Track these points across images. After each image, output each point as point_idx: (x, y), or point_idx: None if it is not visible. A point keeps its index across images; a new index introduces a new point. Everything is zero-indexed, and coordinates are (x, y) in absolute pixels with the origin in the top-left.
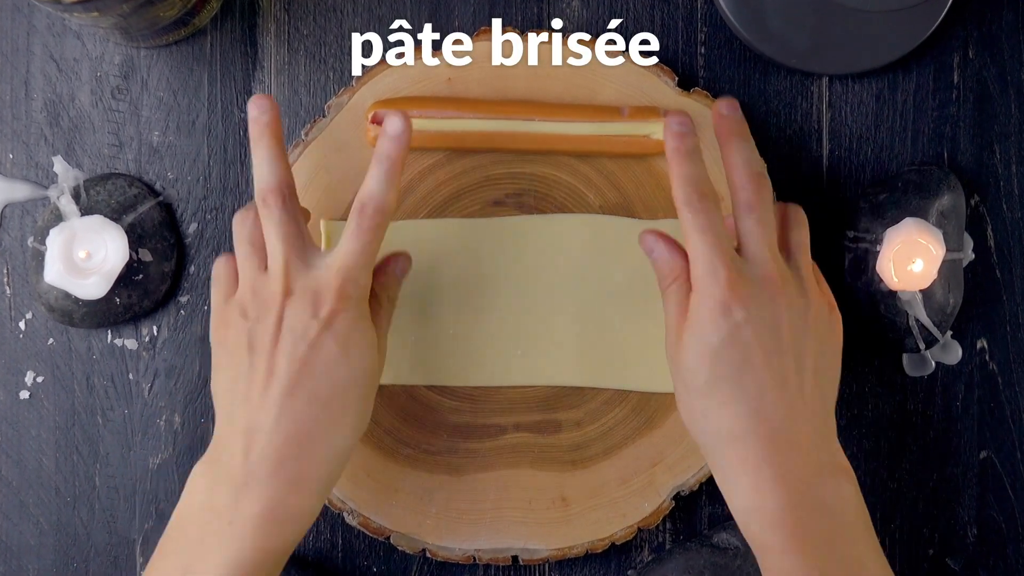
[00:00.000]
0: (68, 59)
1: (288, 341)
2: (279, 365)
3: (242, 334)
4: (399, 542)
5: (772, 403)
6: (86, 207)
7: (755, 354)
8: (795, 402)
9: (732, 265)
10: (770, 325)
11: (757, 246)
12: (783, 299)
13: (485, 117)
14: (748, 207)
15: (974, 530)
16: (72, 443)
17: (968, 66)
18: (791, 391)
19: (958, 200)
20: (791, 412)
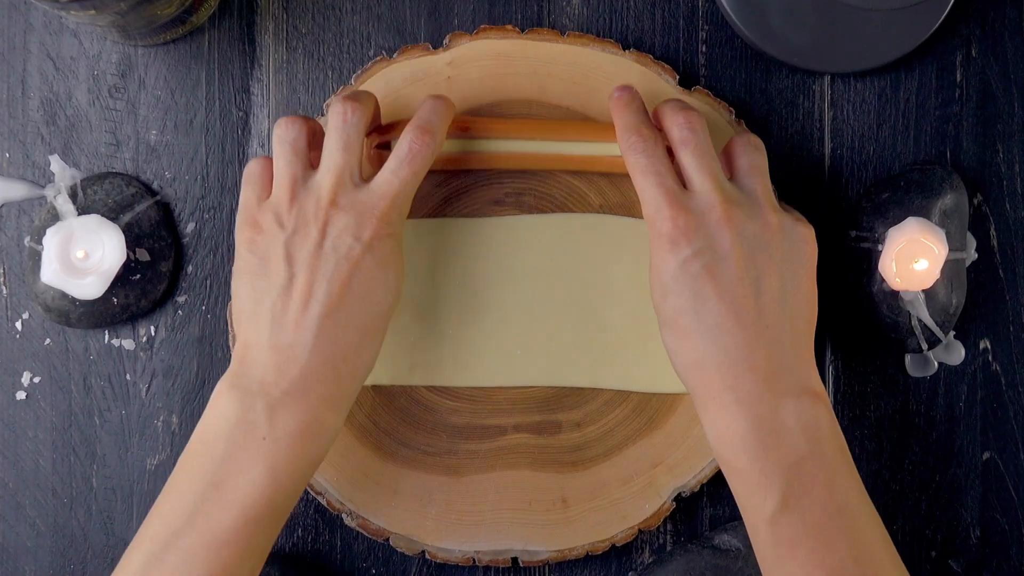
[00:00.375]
0: (65, 57)
1: (331, 260)
2: (319, 284)
3: (278, 243)
4: (398, 544)
5: (729, 331)
6: (83, 206)
7: (706, 285)
8: (753, 327)
9: (675, 200)
10: (720, 254)
11: (698, 176)
12: (731, 224)
13: (483, 137)
14: (682, 142)
15: (977, 532)
16: (69, 444)
17: (971, 65)
18: (748, 317)
19: (961, 199)
20: (749, 338)
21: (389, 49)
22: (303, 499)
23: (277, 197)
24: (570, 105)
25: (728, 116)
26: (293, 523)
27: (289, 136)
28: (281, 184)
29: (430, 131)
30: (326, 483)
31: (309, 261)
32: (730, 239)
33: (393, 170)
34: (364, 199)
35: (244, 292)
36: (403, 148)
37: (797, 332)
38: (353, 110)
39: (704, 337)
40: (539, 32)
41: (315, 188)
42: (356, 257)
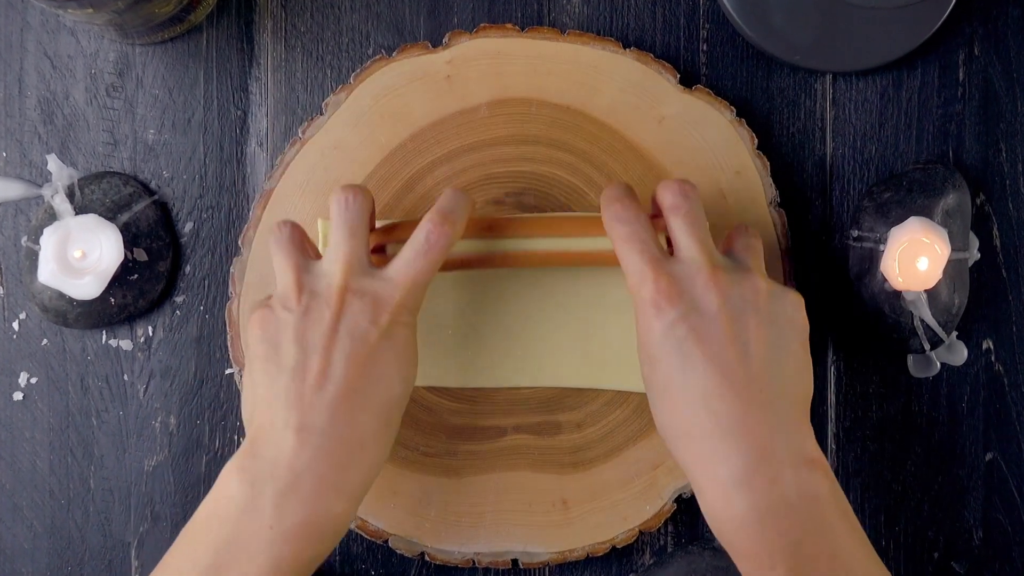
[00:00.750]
0: (62, 56)
1: (346, 341)
2: (335, 365)
3: (288, 326)
4: (397, 545)
5: (719, 396)
6: (80, 206)
7: (692, 348)
8: (745, 392)
9: (658, 266)
10: (707, 316)
11: (686, 241)
12: (717, 287)
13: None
14: (673, 208)
15: (980, 533)
16: (66, 445)
17: (974, 63)
18: (739, 382)
19: (963, 199)
20: (741, 404)
21: (388, 48)
22: None
23: (283, 286)
24: (570, 104)
25: (729, 115)
26: None
27: (285, 231)
28: (285, 273)
29: (450, 221)
30: None
31: (323, 342)
32: (717, 301)
33: (409, 260)
34: (378, 287)
35: (257, 379)
36: (420, 238)
37: (791, 398)
38: (354, 195)
39: (694, 405)
40: (539, 31)
41: (324, 274)
42: (373, 342)
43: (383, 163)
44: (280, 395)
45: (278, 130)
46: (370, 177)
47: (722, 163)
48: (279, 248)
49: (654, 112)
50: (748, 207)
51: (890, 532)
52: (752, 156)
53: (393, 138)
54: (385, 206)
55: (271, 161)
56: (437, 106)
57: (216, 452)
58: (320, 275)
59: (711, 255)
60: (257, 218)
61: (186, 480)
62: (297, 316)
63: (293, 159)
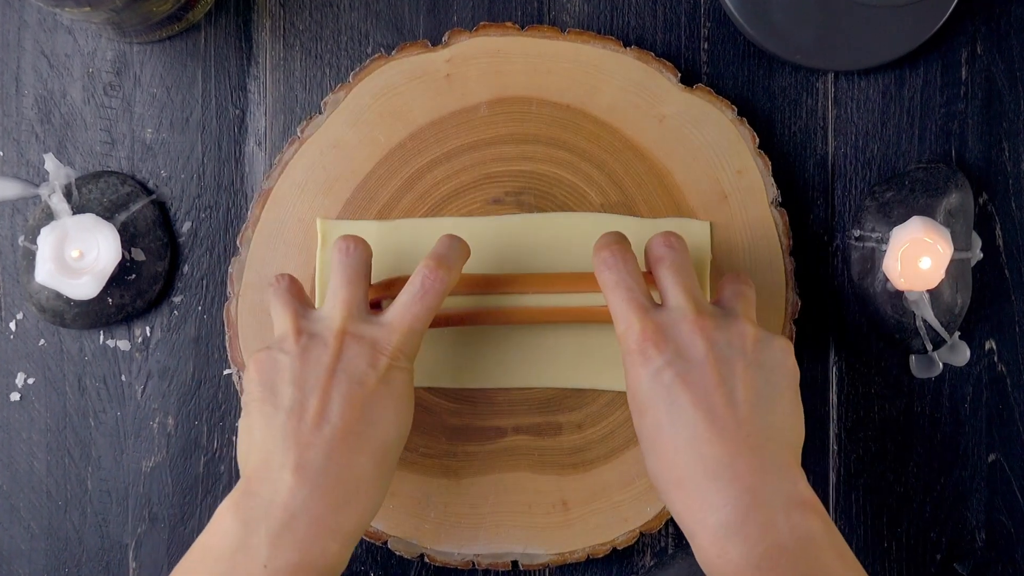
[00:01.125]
0: (59, 55)
1: (344, 383)
2: (333, 405)
3: (285, 368)
4: (397, 547)
5: (707, 441)
6: (78, 205)
7: (680, 394)
8: (733, 437)
9: (645, 314)
10: (692, 362)
11: (673, 290)
12: (703, 332)
13: (473, 294)
14: (659, 259)
15: (983, 534)
16: (64, 446)
17: (976, 62)
18: (727, 427)
19: (966, 198)
20: (729, 448)
21: (387, 46)
22: None
23: (281, 330)
24: (570, 103)
25: (730, 114)
26: None
27: (283, 283)
28: (283, 319)
29: (445, 266)
30: None
31: (321, 383)
32: (703, 347)
33: (405, 304)
34: (376, 332)
35: (253, 421)
36: (416, 283)
37: (781, 442)
38: (355, 244)
39: (683, 451)
40: (539, 29)
41: (323, 318)
42: (371, 385)
43: (382, 162)
44: (277, 435)
45: (276, 129)
46: (369, 176)
47: (723, 162)
48: (277, 298)
49: (655, 111)
50: (749, 207)
51: (892, 534)
52: (753, 155)
53: (392, 137)
54: (384, 206)
55: (269, 160)
56: (436, 105)
57: (214, 453)
58: (318, 320)
59: (697, 302)
60: (256, 217)
61: (184, 481)
62: (295, 357)
63: (292, 158)
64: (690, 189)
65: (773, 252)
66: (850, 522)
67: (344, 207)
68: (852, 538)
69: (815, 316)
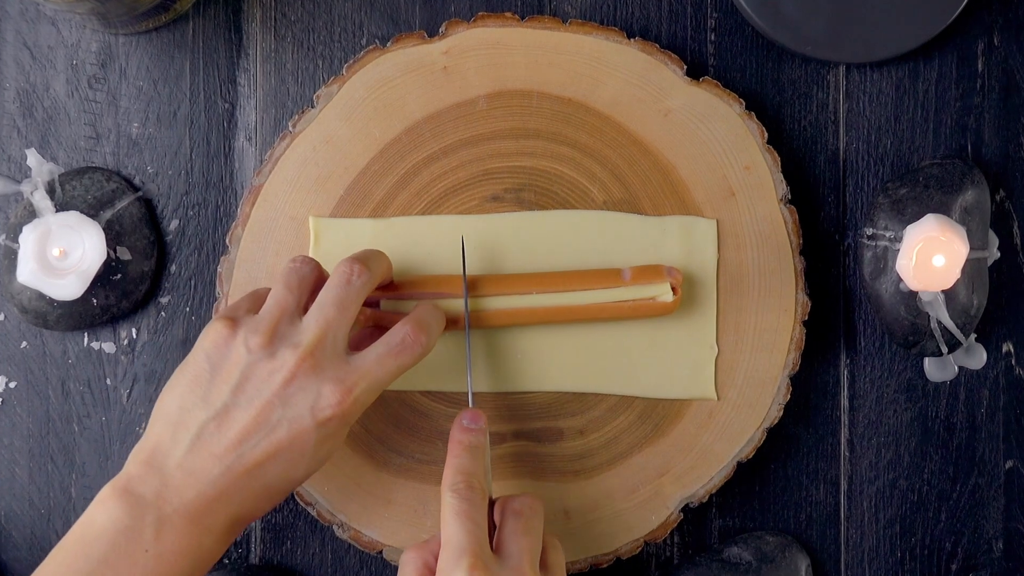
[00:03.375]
0: (42, 46)
1: (276, 415)
2: (255, 436)
3: (236, 364)
4: (392, 556)
5: None
6: (61, 203)
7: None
8: None
9: (480, 556)
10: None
11: (516, 548)
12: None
13: (472, 295)
14: (516, 512)
15: (1000, 544)
16: (47, 452)
17: (993, 54)
18: None
19: (982, 195)
20: None
21: (382, 38)
22: (292, 510)
23: (261, 317)
24: (572, 96)
25: (738, 108)
26: (282, 535)
27: (302, 270)
28: (270, 309)
29: (426, 331)
30: (316, 494)
31: (258, 405)
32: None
33: (380, 356)
34: (338, 372)
35: (179, 392)
36: (396, 337)
37: None
38: (359, 273)
39: None
40: (539, 20)
41: (297, 333)
42: (301, 430)
43: (377, 158)
44: (192, 429)
45: (267, 123)
46: (363, 172)
47: (730, 158)
48: (289, 280)
49: (659, 105)
50: (757, 204)
51: (906, 543)
52: (762, 151)
53: (387, 132)
54: (378, 203)
55: (260, 156)
56: (433, 98)
57: None
58: (297, 331)
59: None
60: (246, 215)
61: None
62: (252, 361)
63: (283, 154)
64: (696, 186)
65: (782, 251)
66: (861, 531)
67: (337, 204)
68: (863, 548)
69: (825, 317)
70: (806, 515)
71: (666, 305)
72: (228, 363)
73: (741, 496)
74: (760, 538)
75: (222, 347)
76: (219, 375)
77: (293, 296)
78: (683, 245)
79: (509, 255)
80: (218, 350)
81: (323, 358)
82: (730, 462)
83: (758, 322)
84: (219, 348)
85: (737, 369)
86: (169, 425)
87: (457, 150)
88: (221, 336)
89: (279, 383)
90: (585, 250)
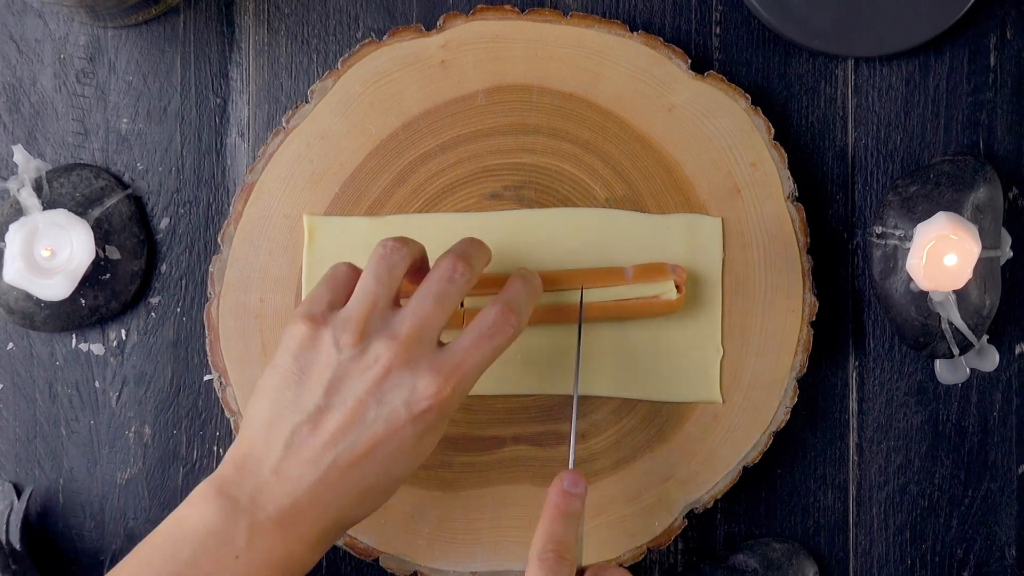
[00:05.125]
0: (29, 40)
1: (372, 413)
2: (350, 433)
3: (327, 364)
4: (388, 564)
5: None
6: (49, 200)
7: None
8: None
9: None
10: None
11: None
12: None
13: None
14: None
15: (1012, 551)
16: (33, 456)
17: (1006, 48)
18: None
19: (995, 193)
20: None
21: (378, 31)
22: None
23: (349, 312)
24: (573, 91)
25: (744, 103)
26: None
27: (395, 258)
28: (361, 301)
29: (516, 311)
30: None
31: (352, 404)
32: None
33: (474, 341)
34: (433, 363)
35: (269, 396)
36: (487, 320)
37: None
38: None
39: None
40: (540, 12)
41: (391, 326)
42: (397, 425)
43: (373, 154)
44: (284, 433)
45: (260, 119)
46: (359, 169)
47: (736, 154)
48: (379, 269)
49: (663, 100)
50: (764, 202)
51: (916, 550)
52: (768, 147)
53: (384, 127)
54: (375, 201)
55: (253, 152)
56: (431, 93)
57: (194, 464)
58: (389, 324)
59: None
60: (238, 213)
61: (162, 494)
62: (344, 360)
63: (276, 150)
64: (701, 183)
65: (789, 250)
66: (871, 537)
67: (332, 202)
68: (873, 555)
69: (834, 318)
70: (814, 521)
71: (670, 303)
72: (318, 364)
73: (747, 502)
74: (767, 545)
75: (309, 347)
76: (309, 377)
77: (384, 287)
78: (687, 244)
79: (509, 254)
80: (305, 351)
81: (417, 351)
82: (736, 467)
83: (764, 323)
84: (306, 349)
85: (743, 371)
86: (261, 430)
87: (455, 146)
88: (306, 336)
89: (373, 380)
90: (587, 249)
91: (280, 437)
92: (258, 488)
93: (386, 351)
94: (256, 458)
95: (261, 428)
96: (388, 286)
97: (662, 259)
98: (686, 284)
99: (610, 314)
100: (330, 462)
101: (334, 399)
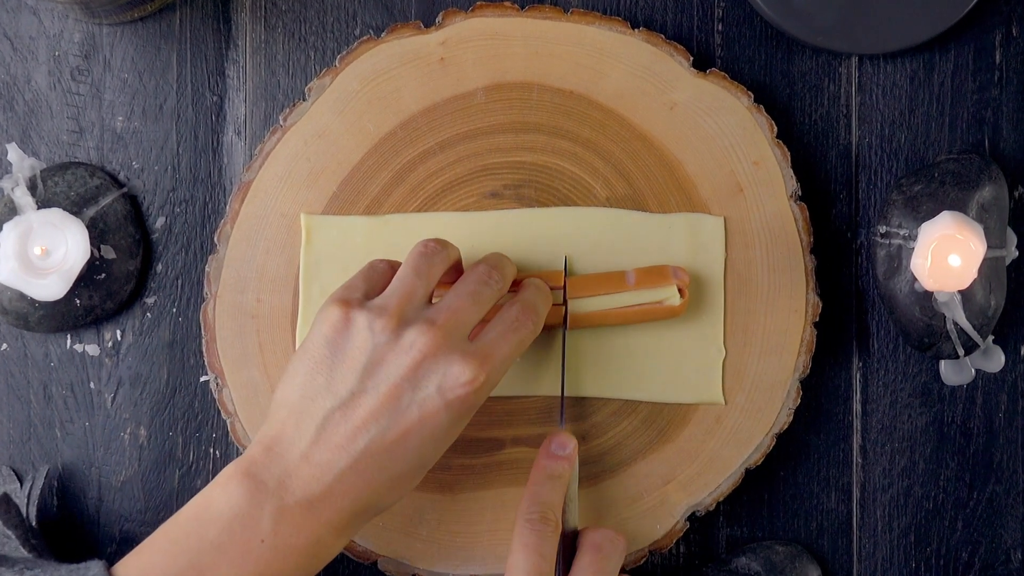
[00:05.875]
0: (23, 37)
1: (406, 398)
2: (382, 418)
3: (361, 349)
4: (387, 567)
5: None
6: (43, 199)
7: None
8: None
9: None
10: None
11: None
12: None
13: None
14: (595, 547)
15: (1019, 554)
16: (28, 458)
17: (1011, 45)
18: None
19: (1000, 192)
20: None
21: (376, 28)
22: None
23: (386, 300)
24: (573, 89)
25: (746, 101)
26: None
27: (435, 258)
28: (398, 290)
29: (533, 311)
30: None
31: (387, 389)
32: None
33: (501, 333)
34: (467, 351)
35: (300, 380)
36: (510, 315)
37: None
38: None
39: None
40: (540, 9)
41: (427, 316)
42: (430, 411)
43: (371, 152)
44: (316, 416)
45: (257, 117)
46: (357, 168)
47: (738, 153)
48: (419, 265)
49: (665, 98)
50: (766, 200)
51: (921, 553)
52: (771, 145)
53: (382, 126)
54: (373, 200)
55: (250, 151)
56: (430, 91)
57: (190, 466)
58: (423, 316)
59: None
60: (235, 212)
61: (158, 496)
62: (380, 345)
63: (274, 148)
64: (703, 182)
65: (792, 249)
66: (875, 540)
67: (330, 201)
68: (877, 558)
69: (837, 318)
70: (817, 524)
71: (673, 308)
72: (352, 348)
73: (750, 504)
74: (769, 548)
75: (343, 331)
76: (343, 361)
77: (422, 282)
78: (689, 243)
79: (509, 254)
80: (339, 335)
81: (452, 340)
82: (738, 469)
83: (767, 323)
84: (340, 332)
85: (745, 372)
86: (292, 414)
87: (454, 145)
88: (340, 320)
89: (409, 365)
90: (588, 249)
91: (312, 422)
92: (286, 472)
93: (422, 336)
94: (286, 442)
95: (291, 413)
96: (426, 281)
97: (663, 259)
98: (689, 287)
99: (612, 321)
100: (362, 448)
101: (368, 383)
